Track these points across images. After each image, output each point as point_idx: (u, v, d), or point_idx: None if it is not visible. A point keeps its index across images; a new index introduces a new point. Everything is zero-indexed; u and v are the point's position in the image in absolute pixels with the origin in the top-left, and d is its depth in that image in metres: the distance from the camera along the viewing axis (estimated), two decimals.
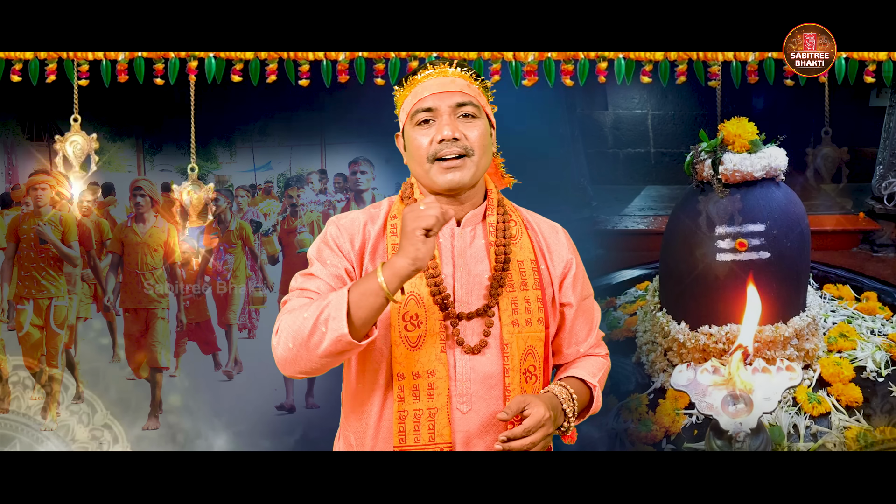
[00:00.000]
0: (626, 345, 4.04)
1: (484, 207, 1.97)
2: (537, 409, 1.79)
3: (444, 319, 1.87)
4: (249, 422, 4.39)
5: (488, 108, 1.97)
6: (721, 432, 3.05)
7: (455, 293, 1.90)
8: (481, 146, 1.89)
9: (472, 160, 1.88)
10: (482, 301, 1.90)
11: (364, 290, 1.74)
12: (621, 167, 4.91)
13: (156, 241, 4.54)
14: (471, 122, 1.90)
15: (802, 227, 3.64)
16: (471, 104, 1.90)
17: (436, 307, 1.88)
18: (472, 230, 1.95)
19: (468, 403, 1.87)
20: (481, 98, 1.94)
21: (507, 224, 1.96)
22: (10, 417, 4.24)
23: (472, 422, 1.87)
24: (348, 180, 4.80)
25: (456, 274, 1.91)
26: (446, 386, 1.86)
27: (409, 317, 1.87)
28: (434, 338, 1.87)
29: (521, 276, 1.93)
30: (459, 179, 1.88)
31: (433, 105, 1.89)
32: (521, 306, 1.91)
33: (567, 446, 2.01)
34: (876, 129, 4.36)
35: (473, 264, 1.92)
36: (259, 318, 4.89)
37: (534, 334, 1.91)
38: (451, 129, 1.87)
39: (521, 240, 1.96)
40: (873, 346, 3.80)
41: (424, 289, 1.88)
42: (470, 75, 1.94)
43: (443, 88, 1.90)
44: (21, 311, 4.41)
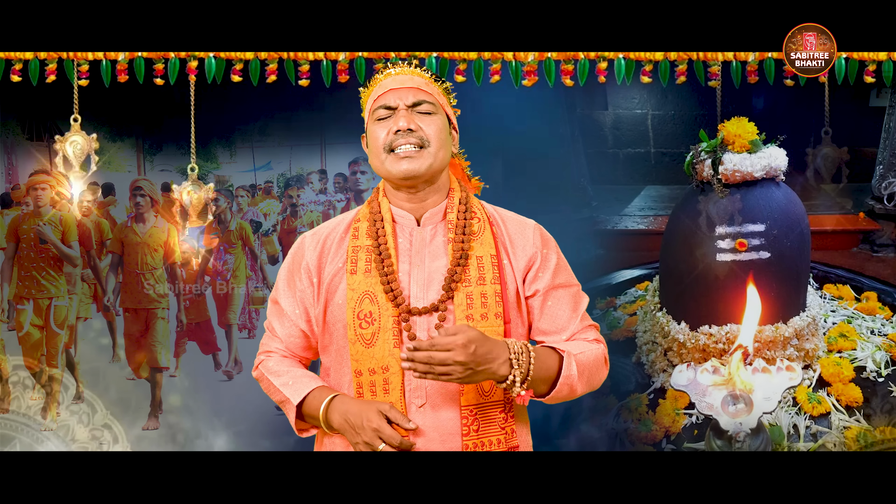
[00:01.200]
0: (626, 345, 4.04)
1: (445, 206, 2.00)
2: (461, 334, 1.76)
3: (397, 316, 1.91)
4: (249, 422, 4.39)
5: (449, 108, 2.04)
6: (721, 432, 3.05)
7: (411, 290, 1.93)
8: (438, 139, 1.95)
9: (429, 151, 1.94)
10: (438, 296, 1.93)
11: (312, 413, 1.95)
12: (621, 167, 4.91)
13: (156, 241, 4.54)
14: (428, 116, 1.96)
15: (802, 227, 3.64)
16: (427, 102, 1.97)
17: (389, 304, 1.91)
18: (433, 229, 1.99)
19: (422, 397, 1.90)
20: (441, 98, 2.01)
21: (468, 221, 1.98)
22: (10, 417, 4.24)
23: (428, 415, 1.89)
24: (348, 180, 4.80)
25: (412, 271, 1.95)
26: (399, 381, 1.89)
27: (364, 315, 1.92)
28: (387, 334, 1.90)
29: (479, 272, 1.94)
30: (416, 169, 1.93)
31: (391, 101, 1.97)
32: (477, 301, 1.92)
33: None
34: (876, 129, 4.36)
35: (430, 261, 1.96)
36: (259, 318, 4.89)
37: (490, 329, 1.91)
38: (406, 121, 1.93)
39: (483, 235, 1.98)
40: (873, 346, 3.80)
41: (378, 286, 1.93)
42: (430, 76, 2.02)
43: (400, 85, 1.98)
44: (21, 311, 4.41)
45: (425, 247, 1.97)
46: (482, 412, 1.90)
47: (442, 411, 1.90)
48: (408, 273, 1.95)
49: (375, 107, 1.99)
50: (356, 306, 1.92)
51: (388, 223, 1.98)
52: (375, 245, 1.96)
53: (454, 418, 1.90)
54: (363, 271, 1.95)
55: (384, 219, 1.98)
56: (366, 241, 1.98)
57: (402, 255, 1.97)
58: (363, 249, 1.97)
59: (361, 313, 1.92)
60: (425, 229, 1.99)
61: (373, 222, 1.99)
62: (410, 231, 1.99)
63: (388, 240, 1.96)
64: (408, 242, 1.98)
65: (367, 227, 2.00)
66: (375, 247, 1.96)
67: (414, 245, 1.97)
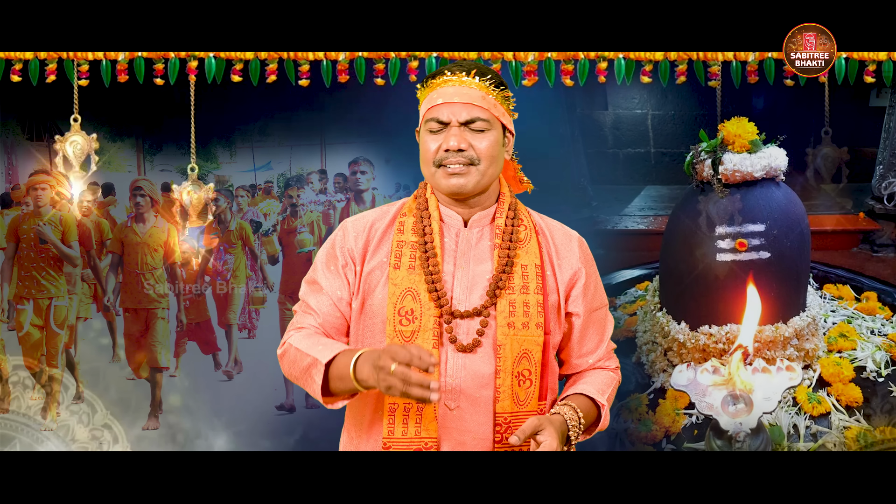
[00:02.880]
0: (626, 345, 4.04)
1: (494, 210, 1.99)
2: (550, 440, 1.79)
3: (439, 316, 1.89)
4: (249, 422, 4.39)
5: (505, 117, 1.97)
6: (721, 432, 3.05)
7: (454, 292, 1.92)
8: (488, 157, 1.92)
9: (478, 169, 1.91)
10: (481, 301, 1.91)
11: (341, 373, 1.81)
12: (621, 167, 4.90)
13: (156, 241, 4.54)
14: (479, 134, 1.92)
15: (802, 227, 3.64)
16: (480, 119, 1.92)
17: (432, 304, 1.89)
18: (480, 231, 1.97)
19: (456, 400, 1.88)
20: (497, 108, 1.95)
21: (515, 228, 1.97)
22: (10, 417, 4.24)
23: (460, 419, 1.88)
24: (348, 180, 4.79)
25: (457, 273, 1.93)
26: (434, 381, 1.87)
27: (405, 312, 1.90)
28: (427, 334, 1.88)
29: (523, 280, 1.93)
30: (462, 186, 1.91)
31: (444, 115, 1.92)
32: (520, 309, 1.91)
33: None
34: (876, 129, 4.36)
35: (475, 264, 1.94)
36: (259, 318, 4.89)
37: (530, 338, 1.90)
38: (457, 141, 1.90)
39: (529, 244, 1.97)
40: (873, 346, 3.80)
41: (422, 285, 1.91)
42: (489, 85, 1.94)
43: (456, 99, 1.92)
44: (21, 311, 4.41)
45: (471, 249, 1.96)
46: (516, 420, 1.89)
47: (475, 416, 1.89)
48: (452, 274, 1.93)
49: (428, 117, 1.94)
50: (398, 302, 1.90)
51: (436, 221, 1.96)
52: (422, 242, 1.93)
53: (486, 424, 1.89)
54: (407, 267, 1.92)
55: (431, 216, 1.96)
56: (411, 236, 1.95)
57: (448, 255, 1.95)
58: (408, 245, 1.95)
59: (403, 310, 1.90)
60: (472, 231, 1.97)
61: (419, 219, 1.96)
62: (457, 232, 1.97)
63: (435, 238, 1.94)
64: (454, 243, 1.96)
65: (413, 222, 1.97)
66: (421, 244, 1.93)
67: (460, 246, 1.96)
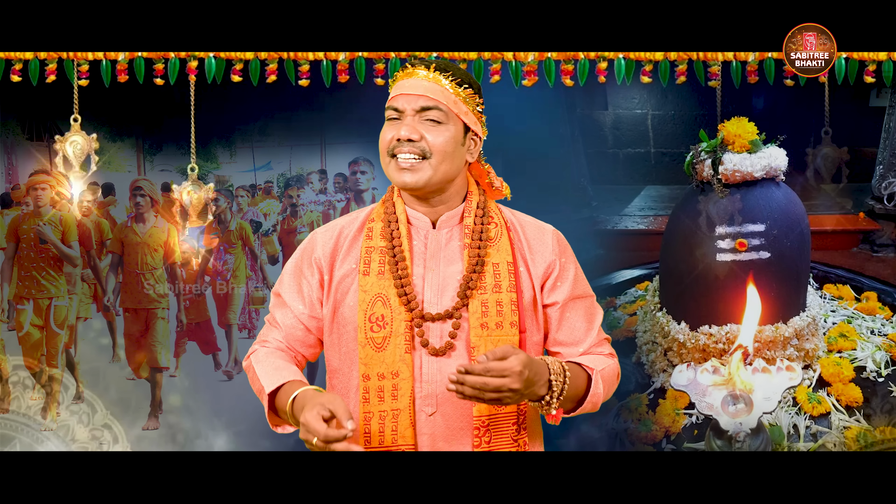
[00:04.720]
0: (626, 345, 4.04)
1: (462, 209, 1.96)
2: (514, 358, 1.69)
3: (410, 321, 1.87)
4: (249, 422, 4.38)
5: (469, 116, 1.92)
6: (721, 432, 3.05)
7: (424, 295, 1.89)
8: (441, 151, 1.87)
9: (430, 163, 1.87)
10: (452, 303, 1.88)
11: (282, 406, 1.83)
12: (621, 167, 4.91)
13: (156, 241, 4.54)
14: (435, 126, 1.88)
15: (802, 227, 3.64)
16: (436, 109, 1.88)
17: (402, 308, 1.87)
18: (449, 232, 1.94)
19: (433, 406, 1.86)
20: (458, 106, 1.90)
21: (485, 226, 1.93)
22: (10, 417, 4.24)
23: (438, 424, 1.86)
24: (348, 180, 4.80)
25: (427, 275, 1.90)
26: (409, 387, 1.85)
27: (375, 318, 1.87)
28: (399, 339, 1.86)
29: (495, 279, 1.90)
30: (414, 182, 1.87)
31: (400, 105, 1.89)
32: (493, 309, 1.88)
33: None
34: (876, 129, 4.36)
35: (446, 266, 1.91)
36: (259, 317, 4.89)
37: (505, 338, 1.87)
38: (408, 130, 1.86)
39: (500, 242, 1.94)
40: (873, 346, 3.80)
41: (392, 290, 1.88)
42: (451, 81, 1.90)
43: (411, 90, 1.89)
44: (21, 311, 4.41)
45: (441, 251, 1.93)
46: (494, 423, 1.86)
47: (453, 420, 1.87)
48: (422, 277, 1.90)
49: (387, 106, 1.92)
50: (368, 309, 1.87)
51: (403, 224, 1.93)
52: (390, 247, 1.91)
53: (465, 428, 1.86)
54: (376, 273, 1.89)
55: (399, 220, 1.93)
56: (380, 242, 1.92)
57: (417, 258, 1.92)
58: (377, 250, 1.92)
59: (373, 316, 1.87)
60: (441, 232, 1.94)
61: (387, 223, 1.93)
62: (426, 233, 1.94)
63: (403, 241, 1.90)
64: (422, 245, 1.93)
65: (381, 227, 1.94)
66: (389, 248, 1.91)
67: (429, 248, 1.92)
